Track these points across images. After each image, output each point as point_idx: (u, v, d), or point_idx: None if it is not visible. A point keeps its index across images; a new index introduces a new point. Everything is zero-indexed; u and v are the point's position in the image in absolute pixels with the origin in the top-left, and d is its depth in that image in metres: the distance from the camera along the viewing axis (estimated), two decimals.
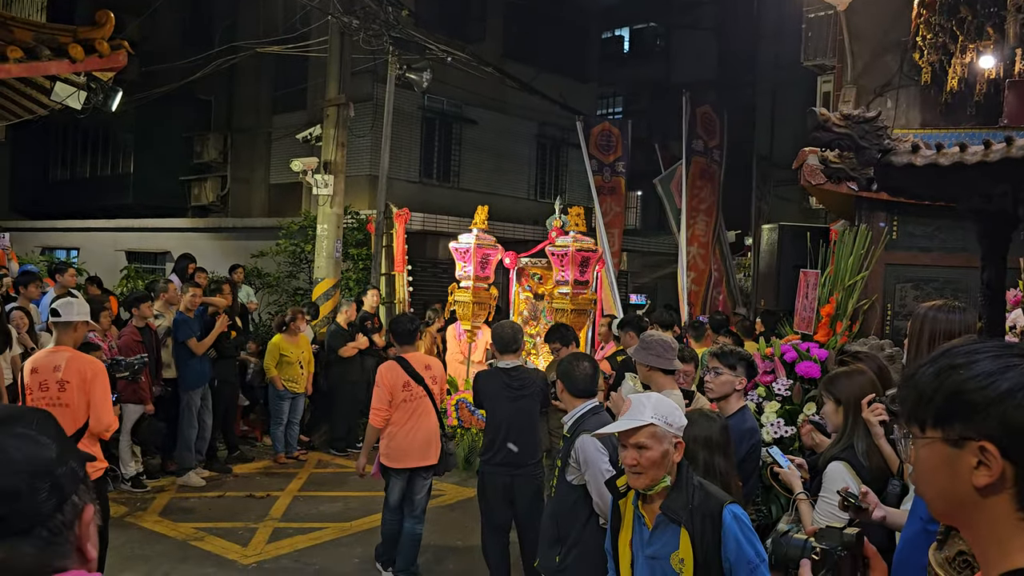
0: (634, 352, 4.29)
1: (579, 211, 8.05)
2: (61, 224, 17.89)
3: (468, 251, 8.51)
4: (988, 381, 1.12)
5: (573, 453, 3.68)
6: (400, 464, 5.36)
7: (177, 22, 18.06)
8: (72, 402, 4.40)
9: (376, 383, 5.36)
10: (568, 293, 7.80)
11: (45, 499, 1.12)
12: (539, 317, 8.97)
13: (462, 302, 8.63)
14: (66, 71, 7.91)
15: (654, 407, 2.62)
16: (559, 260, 7.82)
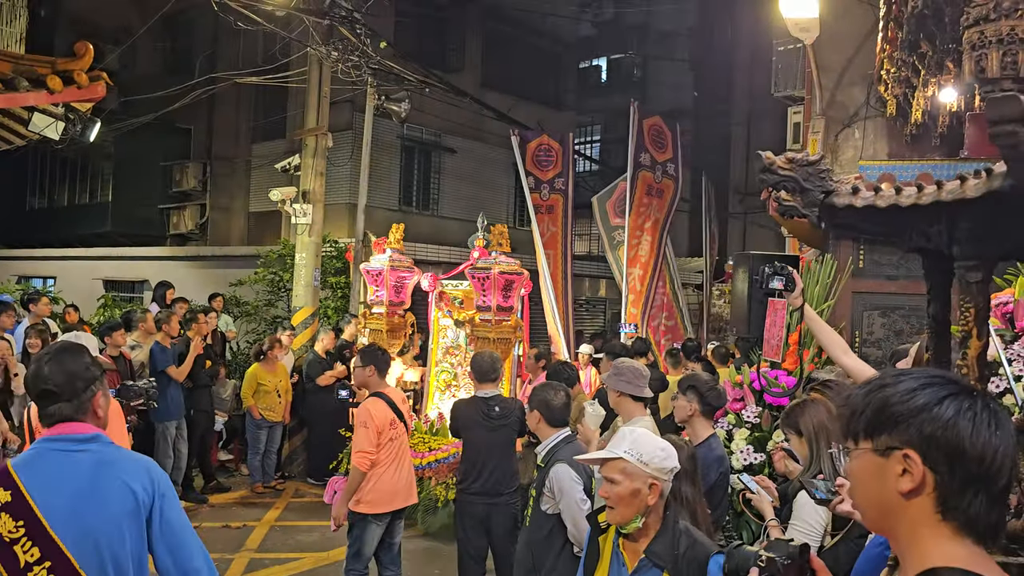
0: (606, 378, 4.36)
1: (503, 229, 7.36)
2: (38, 253, 17.79)
3: (380, 274, 7.67)
4: (909, 396, 1.26)
5: (548, 482, 3.73)
6: (386, 508, 5.02)
7: (157, 52, 18.16)
8: None
9: (361, 422, 4.92)
10: (490, 319, 7.01)
11: (80, 386, 2.32)
12: (460, 345, 8.10)
13: (373, 330, 7.77)
14: (44, 102, 7.95)
15: (632, 443, 2.53)
16: (480, 283, 7.03)
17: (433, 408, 8.03)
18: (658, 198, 11.08)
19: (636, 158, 10.64)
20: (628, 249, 10.62)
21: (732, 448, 4.69)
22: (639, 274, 10.85)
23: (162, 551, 2.32)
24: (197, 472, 8.48)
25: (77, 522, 2.20)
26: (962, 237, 1.90)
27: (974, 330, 2.04)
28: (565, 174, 11.88)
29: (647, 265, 10.97)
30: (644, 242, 10.93)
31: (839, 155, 7.73)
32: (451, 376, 8.15)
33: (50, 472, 2.23)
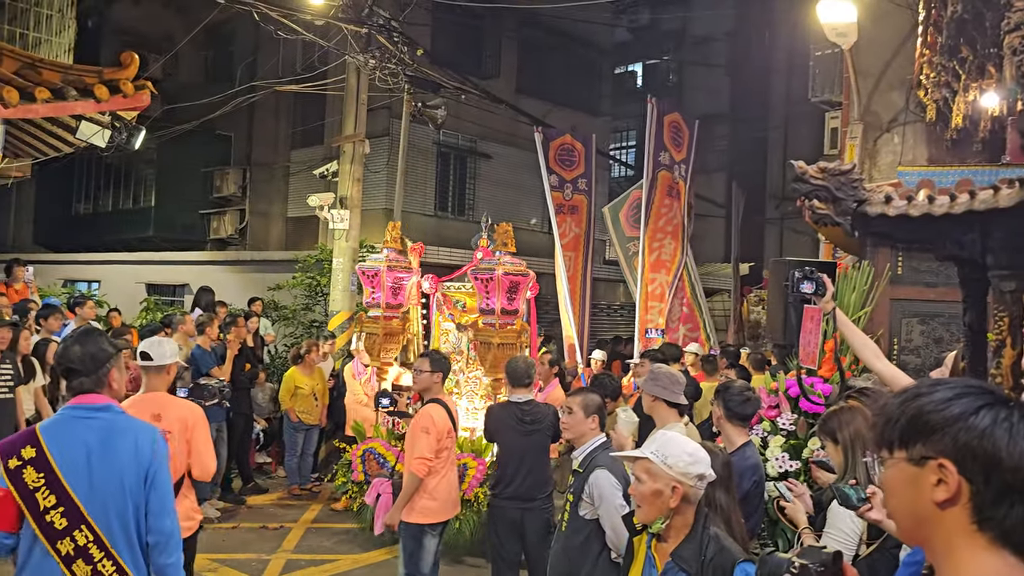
0: (644, 384, 4.36)
1: (507, 228, 6.82)
2: (83, 257, 18.21)
3: (377, 275, 7.27)
4: (944, 405, 1.26)
5: (587, 488, 3.72)
6: (442, 517, 4.92)
7: (199, 60, 18.51)
8: (174, 452, 3.97)
9: (423, 427, 4.77)
10: (494, 323, 6.55)
11: (97, 363, 2.80)
12: (463, 350, 7.55)
13: (370, 334, 7.41)
14: (91, 111, 8.15)
15: (660, 444, 2.56)
16: (483, 285, 6.56)
17: None
18: (676, 199, 10.55)
19: (655, 157, 10.17)
20: (649, 253, 10.05)
21: (767, 455, 4.67)
22: (665, 280, 10.32)
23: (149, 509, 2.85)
24: (235, 474, 8.61)
25: (87, 475, 2.73)
26: (996, 246, 1.90)
27: (1008, 339, 2.03)
28: (588, 175, 11.56)
29: (671, 270, 10.42)
30: (668, 246, 10.40)
31: (877, 160, 7.65)
32: (451, 383, 7.57)
33: (68, 434, 2.77)
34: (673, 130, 10.65)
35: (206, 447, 4.22)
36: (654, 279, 10.12)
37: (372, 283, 7.30)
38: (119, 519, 2.78)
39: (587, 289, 11.31)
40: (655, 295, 10.11)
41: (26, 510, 2.71)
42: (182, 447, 4.10)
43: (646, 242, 9.90)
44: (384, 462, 6.75)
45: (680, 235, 10.46)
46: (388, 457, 6.76)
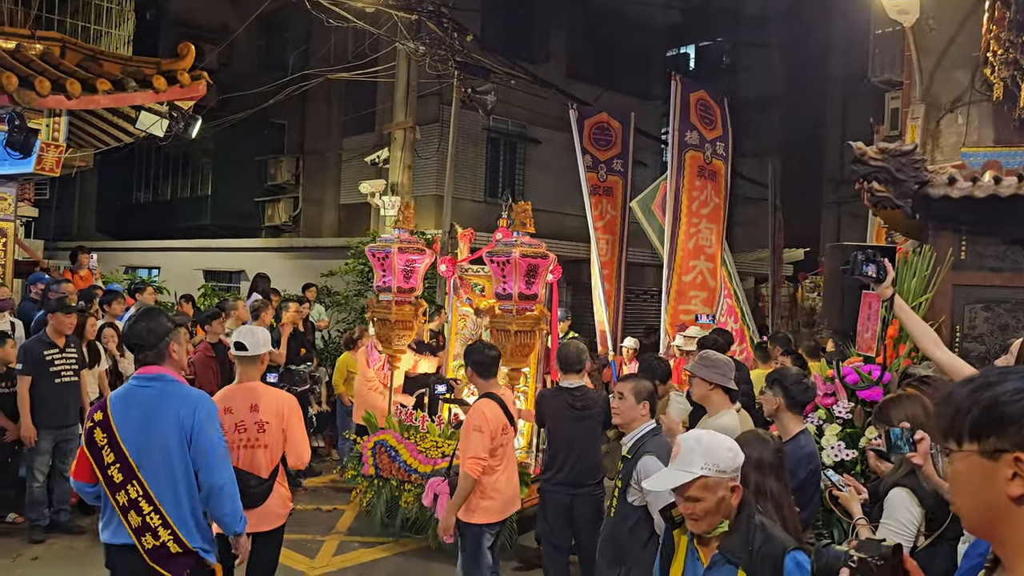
0: (695, 368, 4.32)
1: (526, 207, 6.25)
2: (144, 244, 18.70)
3: (387, 257, 6.80)
4: (1018, 396, 1.20)
5: (635, 474, 3.71)
6: (500, 517, 4.76)
7: (253, 50, 18.77)
8: (271, 442, 4.12)
9: (475, 426, 4.57)
10: (511, 309, 6.04)
11: (160, 338, 3.25)
12: (482, 336, 7.04)
13: (380, 320, 6.99)
14: (150, 101, 8.36)
15: (704, 454, 2.45)
16: (499, 268, 6.05)
17: (448, 407, 7.16)
18: (712, 181, 9.70)
19: (682, 136, 9.32)
20: (686, 239, 9.29)
21: (823, 444, 4.58)
22: (707, 267, 9.53)
23: (196, 467, 3.22)
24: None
25: (138, 437, 3.17)
26: None
27: None
28: (624, 156, 10.86)
29: (715, 257, 9.61)
30: (707, 231, 9.54)
31: (940, 142, 7.41)
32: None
33: (127, 400, 3.25)
34: (701, 107, 9.83)
35: (301, 436, 4.24)
36: (693, 266, 9.35)
37: (383, 266, 6.85)
38: (166, 477, 3.17)
39: (622, 274, 10.74)
40: (695, 284, 9.35)
41: (94, 465, 3.19)
42: (278, 436, 4.13)
43: (682, 227, 9.21)
44: (396, 455, 6.46)
45: (720, 219, 9.70)
46: (400, 451, 6.50)
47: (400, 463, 6.43)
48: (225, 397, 4.17)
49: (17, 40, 7.97)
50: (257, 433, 4.10)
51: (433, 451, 6.43)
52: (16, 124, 7.44)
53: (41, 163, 8.31)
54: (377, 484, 6.61)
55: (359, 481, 6.77)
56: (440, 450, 6.41)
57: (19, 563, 5.81)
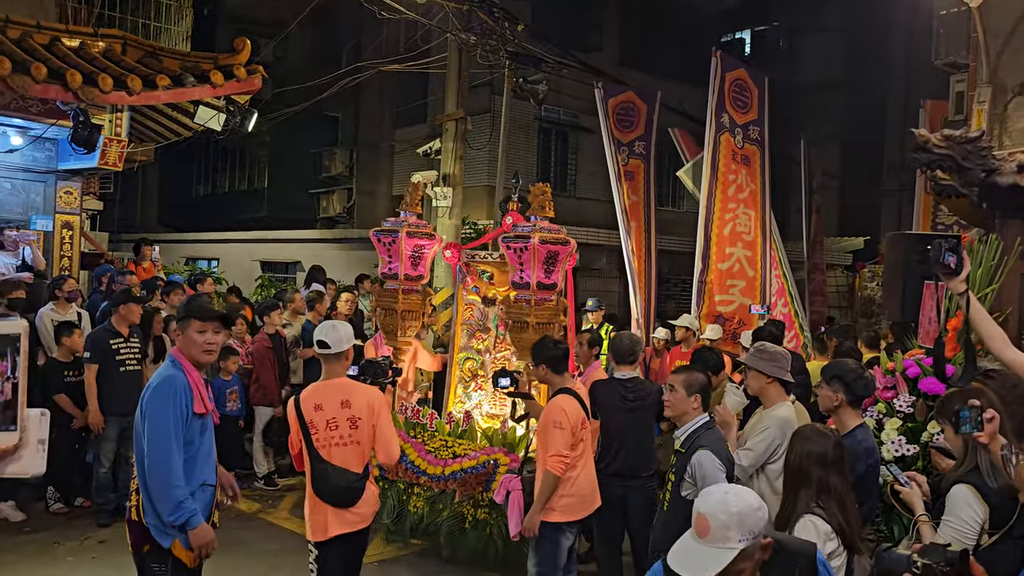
0: (751, 360, 4.24)
1: (545, 189, 5.84)
2: (203, 236, 19.14)
3: (394, 242, 6.31)
4: None
5: (689, 468, 3.67)
6: (581, 515, 4.61)
7: (307, 43, 19.01)
8: (363, 439, 4.04)
9: (555, 422, 4.44)
10: (529, 299, 5.60)
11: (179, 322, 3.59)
12: (490, 328, 6.57)
13: (385, 310, 6.50)
14: (208, 95, 8.53)
15: (739, 526, 2.18)
16: (516, 255, 5.55)
17: (456, 403, 6.69)
18: (746, 166, 9.13)
19: (717, 118, 8.81)
20: (721, 225, 8.78)
21: (882, 439, 4.47)
22: (744, 254, 9.02)
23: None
24: None
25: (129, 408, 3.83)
26: None
27: None
28: (647, 137, 10.29)
29: (754, 245, 9.01)
30: (744, 216, 9.02)
31: (1008, 127, 7.13)
32: (477, 364, 6.61)
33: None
34: (736, 89, 9.23)
35: (391, 432, 4.16)
36: (730, 254, 8.83)
37: (389, 251, 6.35)
38: (136, 450, 3.41)
39: (652, 262, 10.24)
40: (733, 272, 8.80)
41: None
42: (369, 432, 4.03)
43: (717, 213, 8.70)
44: (402, 456, 5.69)
45: (759, 205, 9.13)
46: (407, 451, 5.89)
47: (407, 464, 5.87)
48: (315, 394, 4.09)
49: (81, 38, 8.20)
50: (350, 429, 4.00)
51: (443, 451, 5.89)
52: (80, 120, 7.66)
53: (104, 158, 8.56)
54: (381, 487, 5.87)
55: None
56: (451, 450, 5.88)
57: (87, 545, 6.02)
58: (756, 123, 9.34)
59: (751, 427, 4.16)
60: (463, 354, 6.68)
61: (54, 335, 6.86)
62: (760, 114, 9.37)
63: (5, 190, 9.06)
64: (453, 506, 5.72)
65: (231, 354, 7.56)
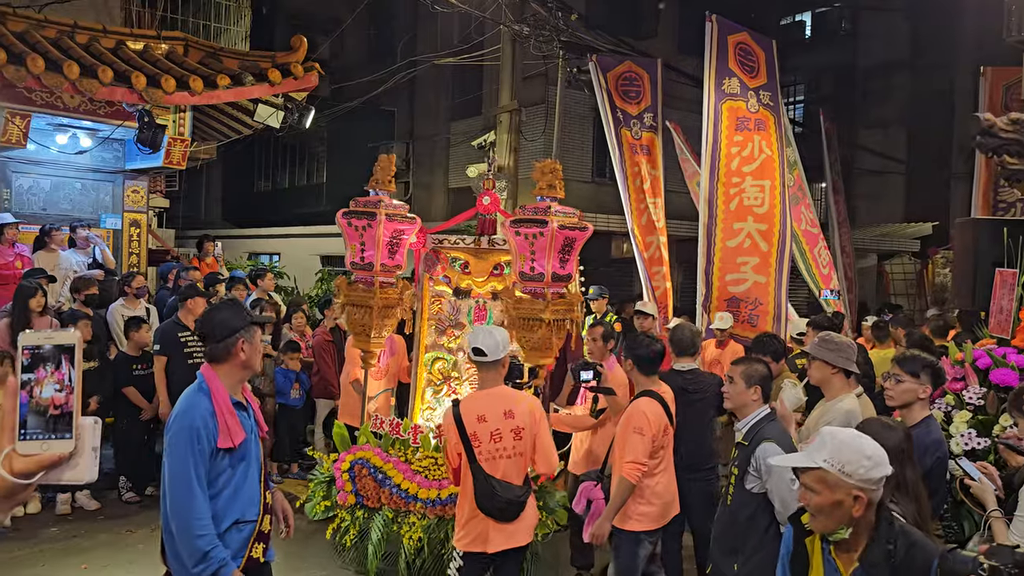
0: (815, 350, 4.15)
1: (554, 166, 5.04)
2: (264, 231, 19.54)
3: (370, 226, 5.17)
4: None
5: (753, 461, 3.59)
6: (660, 523, 4.47)
7: (363, 39, 19.23)
8: (526, 450, 3.86)
9: (635, 427, 4.25)
10: (543, 292, 4.83)
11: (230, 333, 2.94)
12: (463, 323, 5.68)
13: (358, 307, 5.34)
14: (266, 94, 8.69)
15: (833, 450, 2.26)
16: (527, 242, 4.76)
17: (424, 411, 5.68)
18: (761, 131, 8.20)
19: (718, 86, 8.07)
20: (725, 201, 8.03)
21: (951, 431, 4.32)
22: (759, 229, 8.06)
23: None
24: None
25: None
26: None
27: None
28: (654, 108, 9.54)
29: (770, 217, 8.09)
30: (755, 188, 8.14)
31: None
32: (448, 365, 5.69)
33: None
34: (741, 53, 8.55)
35: (550, 440, 3.96)
36: (739, 229, 8.03)
37: (362, 237, 5.22)
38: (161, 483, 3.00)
39: (673, 244, 9.48)
40: (743, 248, 7.98)
41: None
42: (530, 442, 3.85)
43: (721, 188, 7.94)
44: (384, 479, 4.93)
45: (774, 174, 8.14)
46: (388, 472, 4.98)
47: (392, 489, 4.92)
48: (476, 404, 3.86)
49: (145, 41, 8.43)
50: (514, 441, 3.80)
51: (434, 470, 4.97)
52: (145, 121, 7.89)
53: (169, 157, 8.80)
54: (361, 517, 4.99)
55: (340, 515, 5.11)
56: (443, 468, 4.89)
57: (157, 534, 6.17)
58: (767, 87, 8.47)
59: (814, 420, 4.07)
60: (431, 354, 5.69)
61: (123, 330, 7.09)
62: (771, 78, 8.53)
63: (76, 190, 9.38)
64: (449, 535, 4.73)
65: (293, 349, 7.71)
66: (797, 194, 9.05)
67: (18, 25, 7.54)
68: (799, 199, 9.14)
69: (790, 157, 8.83)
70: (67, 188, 9.34)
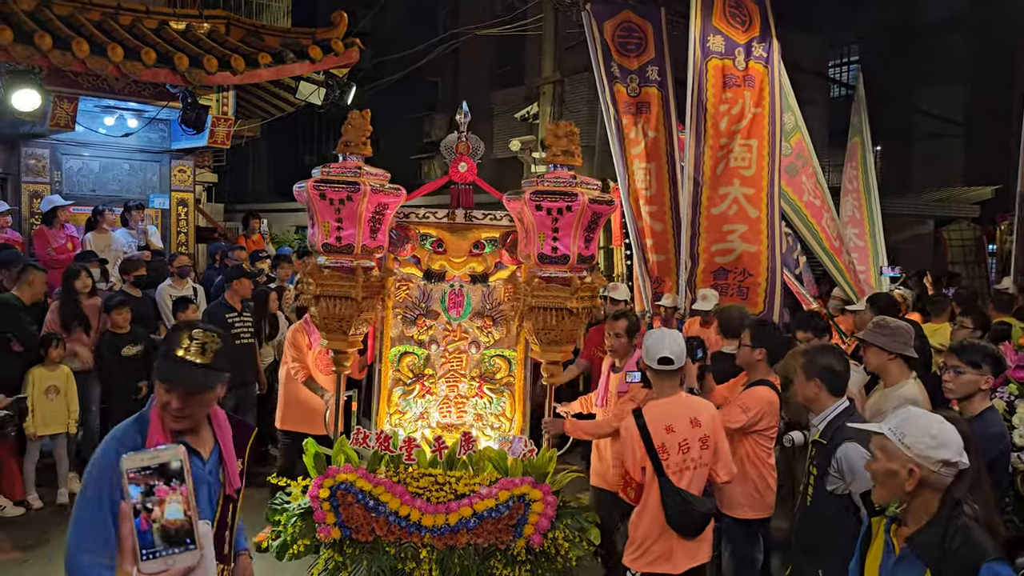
0: (870, 336, 3.99)
1: (571, 129, 4.27)
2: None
3: (350, 199, 4.08)
4: None
5: (834, 461, 3.41)
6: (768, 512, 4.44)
7: (405, 10, 19.08)
8: (710, 460, 3.73)
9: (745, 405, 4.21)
10: (567, 278, 4.04)
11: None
12: (437, 311, 4.63)
13: (331, 298, 4.22)
14: (307, 71, 8.66)
15: (901, 421, 2.34)
16: (550, 218, 3.93)
17: (392, 416, 4.60)
18: (749, 88, 7.52)
19: (703, 43, 7.41)
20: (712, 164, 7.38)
21: (1014, 423, 4.14)
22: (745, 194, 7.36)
23: None
24: None
25: None
26: None
27: None
28: (660, 61, 8.43)
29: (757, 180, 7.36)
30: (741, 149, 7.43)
31: None
32: (420, 361, 4.61)
33: None
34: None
35: (727, 447, 3.85)
36: (725, 194, 7.35)
37: (338, 213, 4.12)
38: None
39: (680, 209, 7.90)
40: (729, 215, 7.33)
41: None
42: (712, 451, 3.73)
43: (708, 152, 7.29)
44: (378, 505, 3.92)
45: (763, 133, 7.48)
46: (381, 497, 3.93)
47: (390, 518, 3.91)
48: (661, 413, 3.67)
49: (187, 21, 8.44)
50: (700, 451, 3.66)
51: (435, 491, 3.98)
52: (188, 102, 7.92)
53: (213, 137, 8.86)
54: (351, 555, 3.96)
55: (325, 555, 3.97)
56: (448, 488, 3.99)
57: None
58: (760, 39, 7.70)
59: (872, 408, 3.93)
60: (399, 348, 4.63)
61: (172, 310, 7.20)
62: (764, 31, 7.74)
63: (124, 171, 9.52)
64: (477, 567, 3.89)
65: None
66: (796, 163, 8.19)
67: (64, 9, 7.59)
68: (798, 169, 8.24)
69: (788, 124, 8.00)
70: (115, 169, 9.49)
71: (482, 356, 4.55)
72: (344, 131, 4.54)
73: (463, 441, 4.16)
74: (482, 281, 4.58)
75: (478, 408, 4.55)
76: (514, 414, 4.53)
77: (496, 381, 4.55)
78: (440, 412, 4.60)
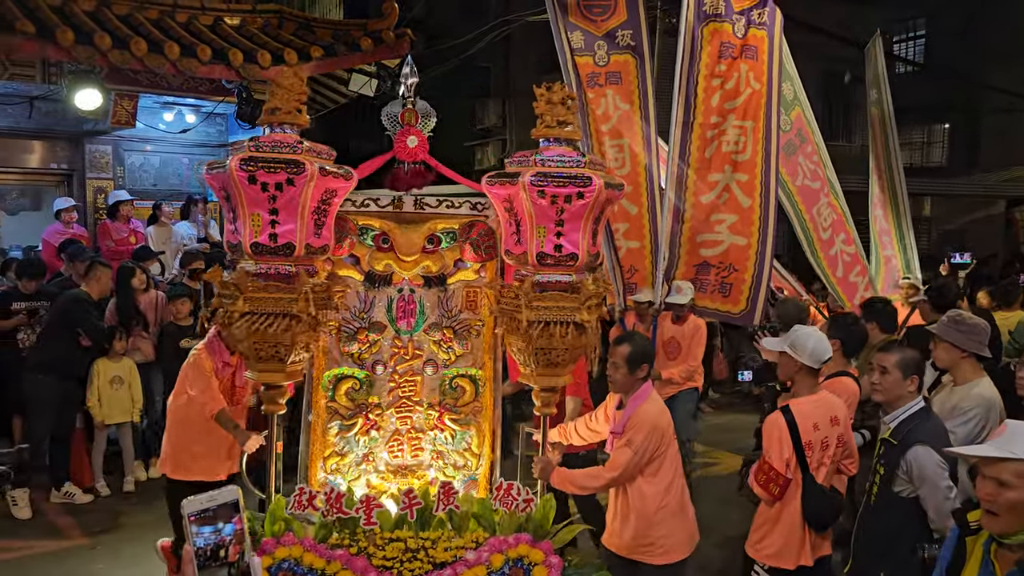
0: (943, 331, 3.86)
1: (567, 93, 3.52)
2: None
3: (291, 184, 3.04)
4: None
5: (903, 464, 3.34)
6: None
7: None
8: (839, 456, 3.74)
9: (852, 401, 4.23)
10: (576, 285, 3.26)
11: None
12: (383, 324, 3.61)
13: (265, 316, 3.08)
14: (359, 63, 8.70)
15: None
16: (554, 207, 3.18)
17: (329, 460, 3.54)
18: (750, 60, 6.46)
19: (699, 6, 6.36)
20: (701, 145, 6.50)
21: None
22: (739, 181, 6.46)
23: None
24: None
25: None
26: None
27: None
28: (634, 23, 6.96)
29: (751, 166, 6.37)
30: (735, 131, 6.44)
31: None
32: (361, 387, 3.56)
33: None
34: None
35: (855, 441, 3.85)
36: (714, 182, 6.48)
37: (273, 203, 3.06)
38: None
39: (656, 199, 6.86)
40: (718, 204, 6.46)
41: None
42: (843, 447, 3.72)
43: (696, 132, 6.41)
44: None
45: (761, 113, 6.48)
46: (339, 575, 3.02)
47: None
48: (808, 410, 3.61)
49: (241, 16, 8.54)
50: (836, 448, 3.63)
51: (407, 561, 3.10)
52: (243, 97, 8.04)
53: None
54: None
55: None
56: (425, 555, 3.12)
57: None
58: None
59: (944, 406, 3.80)
60: (333, 371, 3.56)
61: None
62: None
63: (184, 165, 9.74)
64: None
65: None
66: (794, 140, 7.30)
67: (122, 8, 7.75)
68: (796, 147, 7.37)
69: (787, 95, 7.10)
70: (175, 164, 9.72)
71: (441, 378, 3.56)
72: (271, 95, 3.29)
73: (442, 494, 3.24)
74: (438, 284, 3.60)
75: (437, 444, 3.56)
76: (482, 448, 3.58)
77: (460, 409, 3.57)
78: (389, 452, 3.56)
